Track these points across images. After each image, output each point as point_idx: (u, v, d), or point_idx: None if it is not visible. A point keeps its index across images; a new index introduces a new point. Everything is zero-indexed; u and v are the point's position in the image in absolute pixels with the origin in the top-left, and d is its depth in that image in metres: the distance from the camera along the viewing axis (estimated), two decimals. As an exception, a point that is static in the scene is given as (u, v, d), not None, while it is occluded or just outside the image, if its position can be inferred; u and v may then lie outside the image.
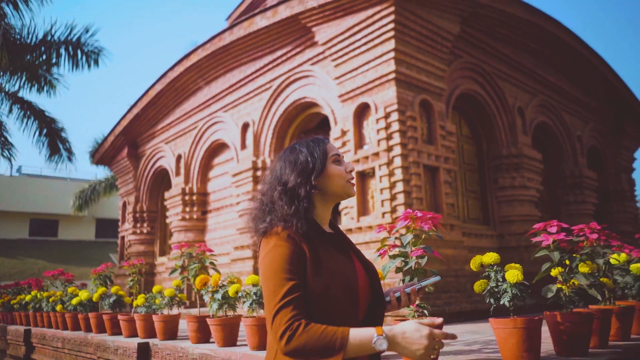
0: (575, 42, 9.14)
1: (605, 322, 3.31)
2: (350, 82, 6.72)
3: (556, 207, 9.82)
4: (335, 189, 1.55)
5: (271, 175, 1.57)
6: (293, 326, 1.28)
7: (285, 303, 1.31)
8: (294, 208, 1.46)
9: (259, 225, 1.51)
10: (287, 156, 1.57)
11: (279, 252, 1.38)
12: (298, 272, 1.37)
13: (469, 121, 8.23)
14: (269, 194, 1.53)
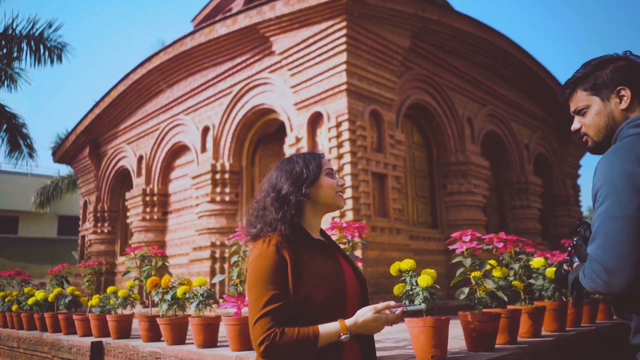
0: (523, 55, 9.68)
1: (515, 320, 3.70)
2: (305, 92, 7.02)
3: (503, 212, 10.37)
4: (325, 199, 1.64)
5: (267, 183, 1.66)
6: (270, 336, 1.38)
7: (264, 313, 1.40)
8: (282, 213, 1.55)
9: (250, 230, 1.61)
10: (284, 166, 1.66)
11: (263, 263, 1.46)
12: (280, 281, 1.44)
13: (421, 129, 8.65)
14: (262, 201, 1.63)
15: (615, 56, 1.47)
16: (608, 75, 1.44)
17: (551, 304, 4.37)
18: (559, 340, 4.03)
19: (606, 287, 1.24)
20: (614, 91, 1.43)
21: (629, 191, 1.22)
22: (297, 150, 7.01)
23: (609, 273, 1.22)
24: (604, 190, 1.27)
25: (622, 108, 1.41)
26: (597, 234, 1.27)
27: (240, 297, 3.84)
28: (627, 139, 1.33)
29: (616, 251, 1.22)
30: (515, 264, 4.11)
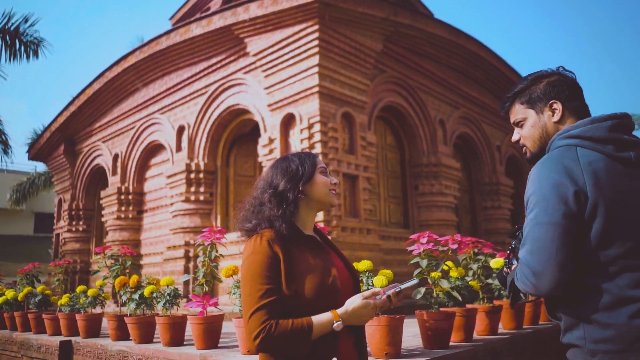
0: (495, 60, 9.90)
1: (470, 319, 3.85)
2: (279, 93, 7.11)
3: (475, 212, 10.59)
4: (319, 197, 1.65)
5: (264, 180, 1.67)
6: (266, 328, 1.40)
7: (259, 307, 1.42)
8: (281, 211, 1.56)
9: (245, 225, 1.62)
10: (280, 164, 1.68)
11: (257, 259, 1.48)
12: (274, 276, 1.47)
13: (394, 131, 8.80)
14: (259, 197, 1.64)
15: (550, 72, 1.57)
16: (542, 90, 1.52)
17: (508, 302, 4.54)
18: (515, 338, 4.19)
19: (534, 289, 1.33)
20: (547, 104, 1.51)
21: (555, 200, 1.29)
22: (269, 151, 7.10)
23: (536, 276, 1.30)
24: (534, 198, 1.35)
25: (555, 120, 1.49)
26: (526, 240, 1.35)
27: (205, 296, 3.92)
28: (557, 150, 1.40)
29: (542, 256, 1.29)
30: (474, 265, 4.26)
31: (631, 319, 1.24)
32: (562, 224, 1.28)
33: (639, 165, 1.35)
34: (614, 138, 1.36)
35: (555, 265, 1.27)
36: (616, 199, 1.29)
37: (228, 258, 7.63)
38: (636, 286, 1.26)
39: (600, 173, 1.30)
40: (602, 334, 1.28)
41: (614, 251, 1.28)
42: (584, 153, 1.34)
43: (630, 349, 1.24)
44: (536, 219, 1.32)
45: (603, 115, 1.40)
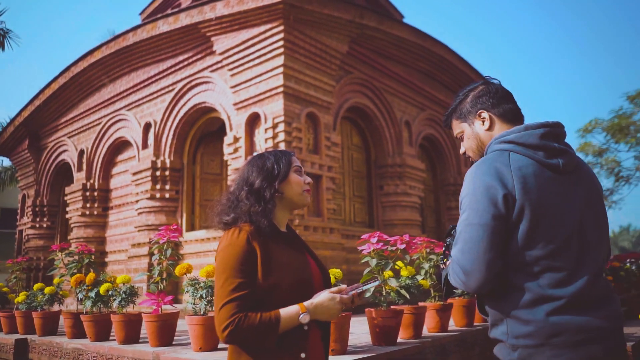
0: (461, 63, 10.11)
1: (420, 317, 3.97)
2: (244, 92, 7.15)
3: (440, 212, 10.81)
4: (293, 196, 1.68)
5: (239, 176, 1.69)
6: (235, 321, 1.42)
7: (230, 299, 1.44)
8: (262, 208, 1.59)
9: (223, 218, 1.62)
10: (255, 161, 1.70)
11: (232, 251, 1.49)
12: (248, 270, 1.48)
13: (360, 131, 8.92)
14: (235, 192, 1.65)
15: (475, 85, 1.66)
16: (469, 103, 1.63)
17: (460, 301, 4.68)
18: (464, 335, 4.34)
19: (464, 286, 1.40)
20: (476, 115, 1.61)
21: (485, 202, 1.36)
22: (234, 150, 7.14)
23: (466, 274, 1.38)
24: (466, 200, 1.42)
25: (485, 128, 1.59)
26: (458, 239, 1.42)
27: (160, 294, 3.96)
28: (492, 153, 1.47)
29: (472, 255, 1.36)
30: (426, 264, 4.38)
31: (548, 316, 1.32)
32: (491, 225, 1.35)
33: (566, 172, 1.43)
34: (545, 145, 1.43)
35: (483, 264, 1.35)
36: (542, 203, 1.36)
37: (193, 256, 7.65)
38: (555, 286, 1.34)
39: (528, 178, 1.37)
40: (522, 330, 1.35)
41: (538, 252, 1.35)
42: (516, 158, 1.41)
43: (546, 344, 1.31)
44: (468, 219, 1.39)
45: (536, 123, 1.48)
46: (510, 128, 1.55)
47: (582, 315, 1.33)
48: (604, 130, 20.24)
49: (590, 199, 1.46)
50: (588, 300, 1.35)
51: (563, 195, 1.40)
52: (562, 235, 1.37)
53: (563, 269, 1.35)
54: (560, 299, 1.32)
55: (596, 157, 20.84)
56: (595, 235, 1.44)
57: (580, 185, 1.46)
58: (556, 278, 1.34)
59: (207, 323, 3.52)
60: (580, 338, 1.31)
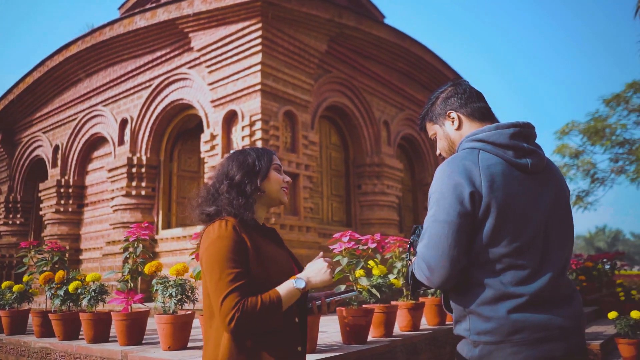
0: (440, 64, 10.18)
1: (391, 315, 3.99)
2: (222, 89, 7.10)
3: (417, 211, 10.89)
4: (272, 193, 1.69)
5: (219, 170, 1.68)
6: (241, 308, 1.41)
7: (231, 290, 1.43)
8: (244, 201, 1.59)
9: (205, 209, 1.61)
10: (236, 156, 1.69)
11: (223, 244, 1.47)
12: (241, 260, 1.48)
13: (339, 130, 8.93)
14: (215, 185, 1.65)
15: (445, 87, 1.69)
16: (439, 105, 1.67)
17: (432, 300, 4.72)
18: (436, 333, 4.37)
19: (428, 282, 1.42)
20: (446, 116, 1.64)
21: (452, 199, 1.37)
22: (211, 148, 7.09)
23: (430, 269, 1.39)
24: (434, 197, 1.43)
25: (455, 128, 1.62)
26: (424, 235, 1.43)
27: (130, 292, 3.91)
28: (462, 151, 1.49)
29: (436, 251, 1.37)
30: (399, 263, 4.40)
31: (509, 313, 1.34)
32: (456, 222, 1.36)
33: (534, 172, 1.45)
34: (514, 145, 1.44)
35: (447, 260, 1.36)
36: (508, 202, 1.37)
37: (169, 254, 7.58)
38: (518, 283, 1.35)
39: (496, 176, 1.38)
40: (484, 326, 1.36)
41: (502, 250, 1.36)
42: (485, 156, 1.43)
43: (506, 341, 1.33)
44: (434, 216, 1.40)
45: (506, 123, 1.50)
46: (480, 126, 1.58)
47: (543, 313, 1.35)
48: (581, 133, 20.59)
49: (557, 200, 1.49)
50: (549, 298, 1.37)
51: (530, 194, 1.42)
52: (527, 234, 1.39)
53: (526, 267, 1.36)
54: (522, 297, 1.34)
55: (573, 159, 21.18)
56: (560, 236, 1.46)
57: (548, 186, 1.48)
58: (519, 276, 1.36)
59: (176, 322, 3.49)
60: (540, 336, 1.32)
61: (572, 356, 1.36)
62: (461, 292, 1.43)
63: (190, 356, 3.23)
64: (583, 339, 1.44)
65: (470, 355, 1.40)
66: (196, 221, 1.65)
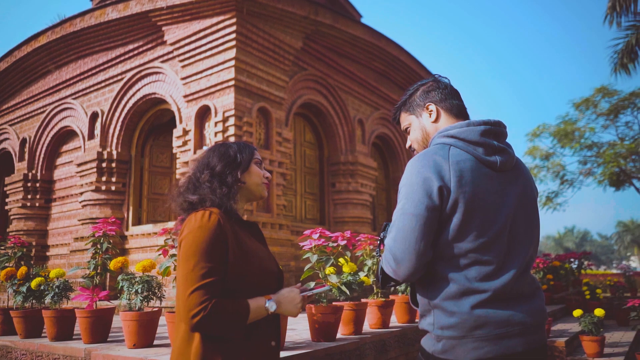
0: (415, 64, 10.26)
1: (360, 313, 4.00)
2: (195, 84, 7.01)
3: (391, 210, 10.95)
4: (252, 186, 1.68)
5: (200, 161, 1.67)
6: (207, 307, 1.37)
7: (201, 285, 1.39)
8: (227, 191, 1.57)
9: (187, 197, 1.58)
10: (217, 148, 1.69)
11: (203, 235, 1.44)
12: (218, 255, 1.44)
13: (313, 128, 8.92)
14: (196, 175, 1.63)
15: (426, 80, 1.72)
16: (419, 96, 1.68)
17: (402, 297, 4.75)
18: (405, 331, 4.40)
19: (394, 274, 1.43)
20: (424, 108, 1.65)
21: (421, 193, 1.38)
22: (184, 143, 6.99)
23: (397, 262, 1.41)
24: (404, 190, 1.44)
25: (432, 121, 1.63)
26: (393, 227, 1.45)
27: (95, 289, 3.82)
28: (433, 146, 1.50)
29: (403, 244, 1.39)
30: (369, 261, 4.41)
31: (473, 309, 1.35)
32: (424, 215, 1.37)
33: (503, 170, 1.47)
34: (485, 142, 1.47)
35: (413, 253, 1.38)
36: (476, 198, 1.39)
37: (139, 251, 7.45)
38: (482, 279, 1.37)
39: (465, 172, 1.40)
40: (447, 321, 1.38)
41: (468, 245, 1.38)
42: (455, 152, 1.44)
43: (469, 336, 1.35)
44: (403, 209, 1.42)
45: (478, 120, 1.52)
46: (454, 121, 1.61)
47: (506, 309, 1.37)
48: (551, 135, 21.06)
49: (524, 198, 1.51)
50: (512, 295, 1.39)
51: (497, 192, 1.44)
52: (493, 230, 1.40)
53: (491, 263, 1.38)
54: (486, 292, 1.36)
55: (543, 161, 21.66)
56: (525, 234, 1.48)
57: (515, 185, 1.50)
58: (483, 271, 1.37)
59: (142, 319, 3.42)
60: (501, 332, 1.34)
61: (532, 352, 1.38)
62: (427, 287, 1.45)
63: (155, 354, 3.17)
64: (544, 336, 1.46)
65: (434, 349, 1.42)
66: (177, 210, 1.61)
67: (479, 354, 1.34)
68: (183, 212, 1.60)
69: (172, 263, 3.24)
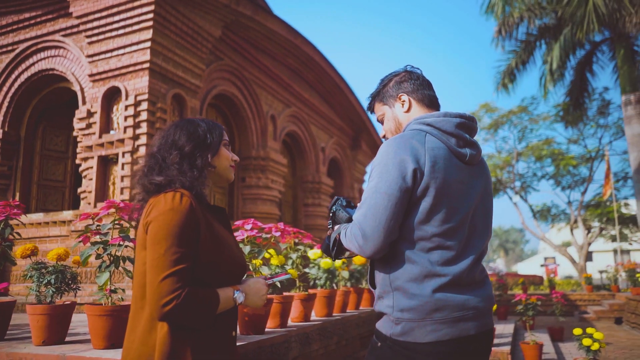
0: (327, 65, 10.44)
1: (287, 306, 3.97)
2: (104, 63, 6.50)
3: (297, 208, 11.04)
4: (220, 169, 1.60)
5: (164, 138, 1.54)
6: (181, 295, 1.30)
7: (173, 271, 1.31)
8: (198, 174, 1.48)
9: (153, 178, 1.46)
10: (184, 125, 1.55)
11: (176, 217, 1.36)
12: (190, 240, 1.37)
13: (226, 120, 8.71)
14: (162, 154, 1.50)
15: (399, 71, 1.74)
16: (391, 87, 1.71)
17: (323, 291, 4.81)
18: (325, 324, 4.46)
19: (360, 250, 1.43)
20: (397, 98, 1.69)
21: (395, 173, 1.41)
22: (87, 126, 6.45)
23: (365, 238, 1.41)
24: (378, 169, 1.45)
25: (404, 111, 1.67)
26: (363, 204, 1.45)
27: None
28: (410, 131, 1.54)
29: (374, 221, 1.40)
30: (294, 254, 4.41)
31: (434, 292, 1.39)
32: (396, 195, 1.40)
33: (470, 163, 1.54)
34: (458, 134, 1.53)
35: (383, 231, 1.39)
36: (445, 185, 1.44)
37: (27, 242, 6.73)
38: (444, 264, 1.42)
39: (438, 159, 1.45)
40: (408, 303, 1.40)
41: (434, 229, 1.42)
42: (430, 139, 1.49)
43: (428, 318, 1.39)
44: (376, 187, 1.43)
45: (454, 113, 1.57)
46: (426, 111, 1.65)
47: (462, 294, 1.43)
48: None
49: (485, 192, 1.59)
50: (467, 281, 1.46)
51: (464, 182, 1.50)
52: (458, 218, 1.46)
53: (452, 248, 1.44)
54: (446, 277, 1.41)
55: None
56: (483, 225, 1.57)
57: (479, 179, 1.57)
58: (445, 256, 1.42)
59: (53, 313, 3.10)
60: (458, 315, 1.40)
61: (483, 334, 1.47)
62: (390, 268, 1.46)
63: (73, 350, 2.89)
64: (492, 320, 1.56)
65: (392, 332, 1.44)
66: (141, 192, 1.50)
67: (437, 336, 1.39)
68: (147, 194, 1.49)
69: (94, 252, 2.96)
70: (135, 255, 1.48)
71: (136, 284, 1.45)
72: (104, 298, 2.98)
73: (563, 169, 20.58)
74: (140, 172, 1.54)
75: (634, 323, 11.50)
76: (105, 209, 3.00)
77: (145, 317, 1.40)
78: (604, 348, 5.82)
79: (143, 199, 1.51)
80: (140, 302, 1.43)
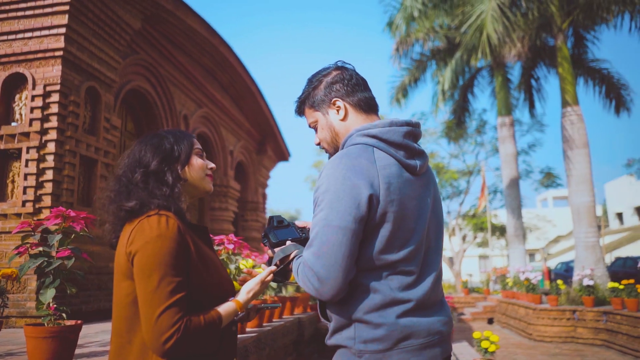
0: (241, 68, 10.29)
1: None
2: (5, 46, 5.79)
3: (203, 212, 10.71)
4: (194, 181, 1.49)
5: (129, 157, 1.44)
6: (181, 328, 1.21)
7: (171, 303, 1.22)
8: (168, 191, 1.37)
9: (124, 204, 1.34)
10: (148, 140, 1.47)
11: (165, 245, 1.26)
12: (183, 267, 1.28)
13: (136, 118, 8.21)
14: (127, 175, 1.40)
15: (328, 71, 1.51)
16: (322, 91, 1.48)
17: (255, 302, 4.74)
18: (259, 335, 4.41)
19: (316, 293, 1.27)
20: (330, 104, 1.47)
21: (348, 202, 1.23)
22: (-17, 115, 5.70)
23: (320, 280, 1.24)
24: (326, 197, 1.27)
25: (340, 118, 1.46)
26: (314, 241, 1.27)
27: None
28: (355, 147, 1.34)
29: (328, 260, 1.23)
30: (232, 265, 4.30)
31: (398, 319, 1.27)
32: (351, 228, 1.23)
33: (420, 175, 1.39)
34: (407, 145, 1.37)
35: (340, 271, 1.23)
36: (402, 207, 1.30)
37: None
38: (405, 288, 1.30)
39: (392, 179, 1.30)
40: (372, 334, 1.27)
41: (394, 256, 1.29)
42: (380, 155, 1.32)
43: (395, 348, 1.26)
44: (326, 220, 1.25)
45: (400, 120, 1.40)
46: (365, 118, 1.48)
47: (427, 317, 1.33)
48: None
49: (435, 203, 1.45)
50: (429, 303, 1.35)
51: (417, 198, 1.36)
52: (416, 239, 1.33)
53: (412, 272, 1.32)
54: (410, 302, 1.30)
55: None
56: (437, 240, 1.44)
57: (428, 189, 1.43)
58: (405, 281, 1.30)
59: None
60: (424, 341, 1.30)
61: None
62: (345, 300, 1.31)
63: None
64: (451, 345, 1.45)
65: None
66: (111, 218, 1.39)
67: None
68: (119, 220, 1.38)
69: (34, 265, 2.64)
70: (114, 284, 1.36)
71: (117, 316, 1.35)
72: (48, 318, 2.66)
73: (446, 182, 22.32)
74: (106, 198, 1.43)
75: (504, 323, 12.85)
76: (52, 217, 2.69)
77: (134, 353, 1.30)
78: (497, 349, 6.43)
79: (114, 224, 1.40)
80: (126, 336, 1.32)
